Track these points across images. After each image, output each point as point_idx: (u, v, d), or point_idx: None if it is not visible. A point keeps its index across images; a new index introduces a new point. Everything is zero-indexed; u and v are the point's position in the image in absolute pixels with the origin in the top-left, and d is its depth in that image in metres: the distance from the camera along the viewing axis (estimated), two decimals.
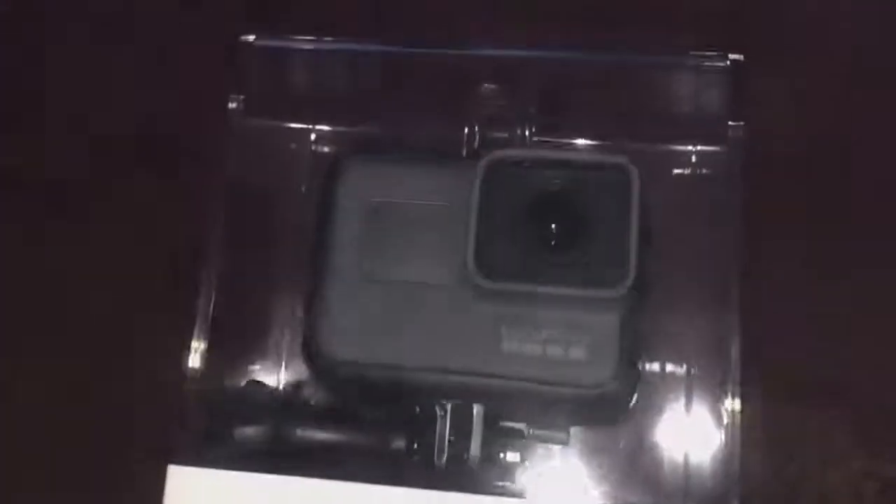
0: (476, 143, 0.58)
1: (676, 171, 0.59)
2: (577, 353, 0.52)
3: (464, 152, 0.58)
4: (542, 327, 0.52)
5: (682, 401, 0.56)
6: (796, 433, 0.55)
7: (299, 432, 0.53)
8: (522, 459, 0.54)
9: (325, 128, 0.62)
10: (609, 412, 0.55)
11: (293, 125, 0.62)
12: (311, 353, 0.54)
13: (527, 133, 0.59)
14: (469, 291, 0.52)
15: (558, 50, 0.57)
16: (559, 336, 0.52)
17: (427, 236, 0.54)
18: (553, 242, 0.52)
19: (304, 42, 0.59)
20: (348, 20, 0.64)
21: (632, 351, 0.52)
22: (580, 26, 0.61)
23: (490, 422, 0.53)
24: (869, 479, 0.55)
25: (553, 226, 0.53)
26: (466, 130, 0.58)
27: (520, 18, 0.63)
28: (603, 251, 0.52)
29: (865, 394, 0.56)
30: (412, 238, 0.54)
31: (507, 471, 0.54)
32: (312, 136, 0.63)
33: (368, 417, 0.54)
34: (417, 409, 0.53)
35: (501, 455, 0.54)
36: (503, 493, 0.53)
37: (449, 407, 0.53)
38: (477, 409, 0.53)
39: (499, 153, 0.53)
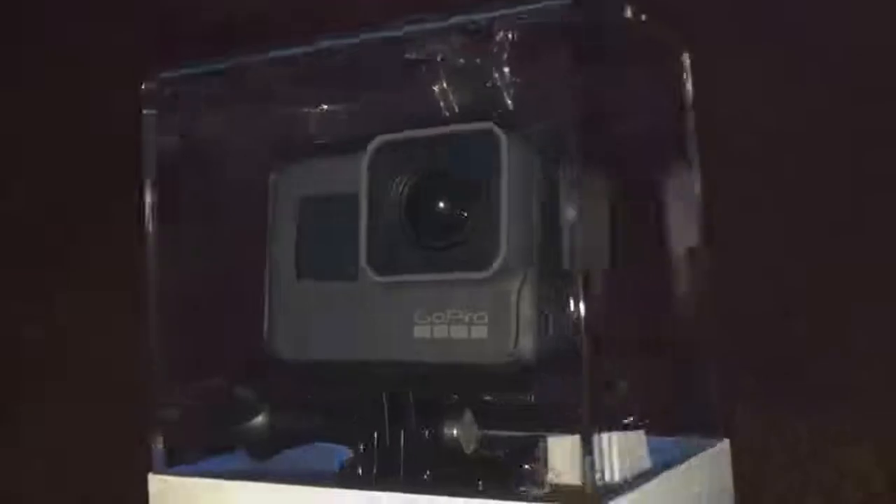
0: None
1: None
2: (478, 332, 0.51)
3: None
4: (446, 310, 0.52)
5: None
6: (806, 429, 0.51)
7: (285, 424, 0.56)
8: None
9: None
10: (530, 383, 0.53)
11: None
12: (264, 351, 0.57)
13: None
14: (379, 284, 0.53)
15: None
16: (462, 317, 0.52)
17: (345, 229, 0.54)
18: (434, 226, 0.52)
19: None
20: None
21: (547, 321, 0.51)
22: None
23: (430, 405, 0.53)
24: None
25: (431, 208, 0.52)
26: None
27: None
28: (479, 229, 0.51)
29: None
30: (334, 232, 0.55)
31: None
32: None
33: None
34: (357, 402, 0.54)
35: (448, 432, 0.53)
36: None
37: (387, 397, 0.54)
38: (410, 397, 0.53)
39: (379, 139, 0.53)
